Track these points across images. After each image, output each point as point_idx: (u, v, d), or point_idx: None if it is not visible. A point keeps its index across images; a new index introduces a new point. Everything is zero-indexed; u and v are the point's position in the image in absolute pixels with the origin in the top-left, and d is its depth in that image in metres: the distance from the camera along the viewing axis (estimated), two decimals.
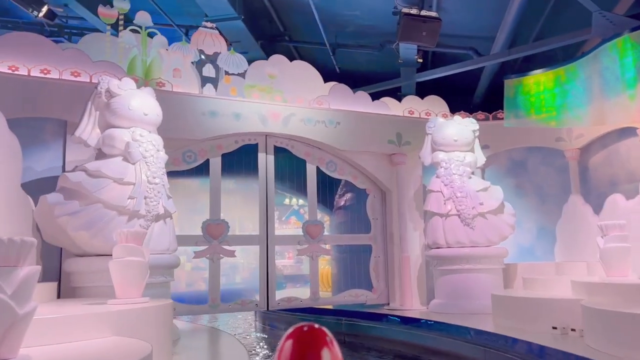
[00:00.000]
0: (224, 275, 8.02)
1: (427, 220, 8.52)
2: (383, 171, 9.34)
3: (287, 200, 14.96)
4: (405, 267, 9.00)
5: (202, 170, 8.15)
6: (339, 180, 9.86)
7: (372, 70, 11.73)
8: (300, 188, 8.99)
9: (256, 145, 8.59)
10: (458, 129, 8.51)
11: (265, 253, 8.35)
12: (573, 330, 5.48)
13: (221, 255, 8.00)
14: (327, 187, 9.50)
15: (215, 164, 8.21)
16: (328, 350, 1.30)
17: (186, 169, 8.02)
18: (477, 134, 8.66)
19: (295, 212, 15.63)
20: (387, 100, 9.68)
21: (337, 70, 11.54)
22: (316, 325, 1.33)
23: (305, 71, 9.10)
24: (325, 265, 11.34)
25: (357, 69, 11.83)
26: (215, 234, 8.00)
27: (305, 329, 1.33)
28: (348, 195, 10.37)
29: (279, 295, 8.49)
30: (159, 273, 5.99)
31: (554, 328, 5.63)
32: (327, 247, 8.96)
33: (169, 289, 6.30)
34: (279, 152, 8.76)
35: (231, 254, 8.09)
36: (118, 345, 3.31)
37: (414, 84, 11.31)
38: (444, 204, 8.21)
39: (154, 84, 7.62)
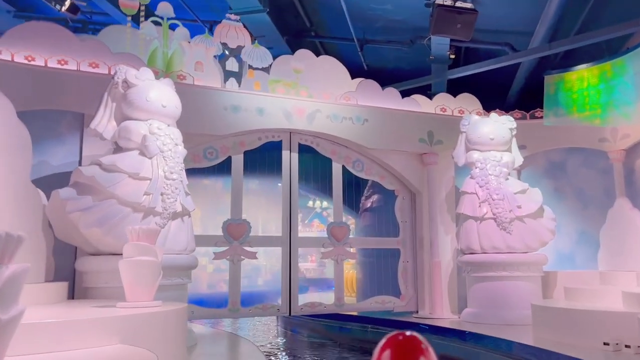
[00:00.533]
0: (245, 277, 7.66)
1: (460, 224, 8.01)
2: (413, 171, 8.87)
3: (310, 203, 14.59)
4: (436, 273, 8.50)
5: (224, 167, 7.81)
6: (366, 181, 9.42)
7: (401, 67, 11.29)
8: (325, 189, 8.58)
9: (280, 142, 8.21)
10: (494, 127, 7.99)
11: (288, 255, 7.96)
12: (627, 346, 4.94)
13: (242, 257, 7.63)
14: (353, 188, 9.07)
15: (238, 161, 7.86)
16: (424, 358, 1.33)
17: (207, 166, 7.69)
18: (514, 132, 8.12)
19: (318, 215, 15.22)
20: (418, 97, 9.21)
21: (365, 67, 11.13)
22: (410, 333, 1.35)
23: (332, 66, 8.70)
24: (350, 270, 10.91)
25: (386, 66, 11.40)
26: (236, 235, 7.65)
27: (401, 337, 1.35)
28: (375, 197, 9.91)
29: (302, 300, 8.08)
30: (175, 274, 5.64)
31: (606, 344, 5.09)
32: (353, 250, 8.51)
33: (185, 291, 5.94)
34: (304, 150, 8.37)
35: (252, 255, 7.72)
36: (120, 355, 2.95)
37: (445, 82, 10.82)
38: (479, 206, 7.70)
39: (175, 77, 7.30)
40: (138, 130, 5.73)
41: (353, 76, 8.71)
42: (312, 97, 8.20)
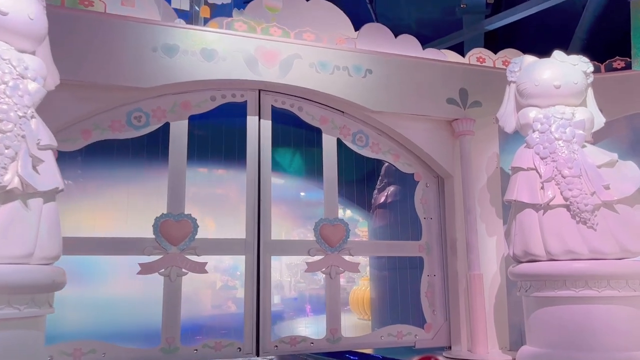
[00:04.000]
0: (188, 301, 5.14)
1: (512, 219, 5.29)
2: (440, 146, 6.23)
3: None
4: (476, 291, 5.80)
5: (158, 139, 5.35)
6: (377, 164, 6.81)
7: (423, 20, 8.64)
8: (312, 173, 6.01)
9: (244, 104, 5.71)
10: (560, 70, 5.28)
11: (256, 267, 5.40)
12: None
13: (183, 270, 5.12)
14: (362, 174, 6.47)
15: (179, 130, 5.39)
16: None
17: (132, 136, 5.24)
18: (590, 78, 5.40)
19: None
20: (446, 52, 6.60)
21: (375, 21, 8.55)
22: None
23: (327, 12, 6.18)
24: (366, 287, 8.25)
25: (403, 20, 8.78)
26: (174, 237, 5.14)
27: None
28: (391, 189, 7.21)
29: (278, 332, 5.49)
30: (11, 300, 3.17)
31: None
32: (354, 259, 5.86)
33: (38, 329, 3.44)
34: (280, 117, 5.84)
35: (200, 268, 5.19)
36: None
37: (481, 36, 8.17)
38: (542, 188, 4.98)
39: (76, 1, 4.92)
40: None
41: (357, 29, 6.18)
42: (289, 37, 5.69)
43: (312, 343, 5.54)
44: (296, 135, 5.99)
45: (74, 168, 5.04)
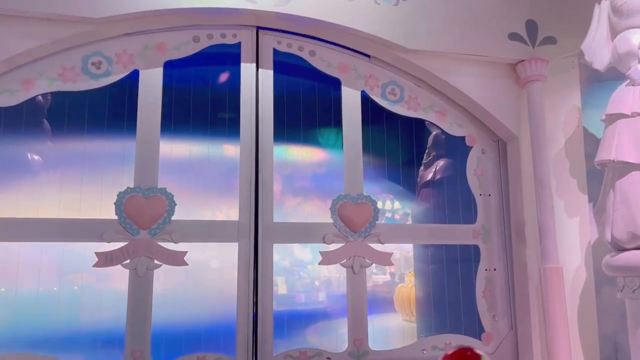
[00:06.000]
0: (162, 303, 3.85)
1: (609, 187, 3.69)
2: (500, 98, 4.71)
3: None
4: (554, 290, 4.25)
5: (123, 92, 4.10)
6: (422, 130, 5.30)
7: None
8: (327, 133, 4.62)
9: (237, 46, 4.37)
10: None
11: (253, 257, 4.07)
12: None
13: (156, 262, 3.86)
14: (412, 142, 5.01)
15: (151, 81, 4.11)
16: None
17: (90, 88, 4.00)
18: None
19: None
20: None
21: None
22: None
23: None
24: (412, 285, 6.72)
25: None
26: (143, 218, 3.89)
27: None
28: (441, 164, 5.64)
29: (282, 343, 4.14)
30: None
31: None
32: (384, 247, 4.41)
33: None
34: (283, 65, 4.48)
35: (177, 259, 3.92)
36: None
37: None
38: None
39: None
40: None
41: None
42: None
43: (329, 358, 4.17)
44: (307, 89, 4.61)
45: (12, 128, 3.87)
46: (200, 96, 4.31)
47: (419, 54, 4.46)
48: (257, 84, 4.32)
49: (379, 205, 4.44)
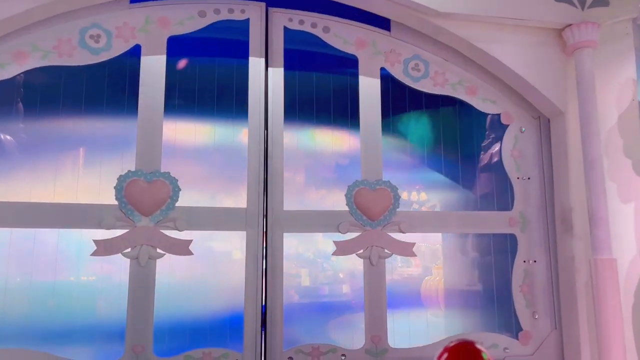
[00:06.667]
0: (165, 294, 3.62)
1: None
2: (544, 68, 4.16)
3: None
4: (607, 284, 3.73)
5: (124, 68, 3.85)
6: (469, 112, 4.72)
7: None
8: (344, 118, 4.19)
9: (245, 23, 4.03)
10: None
11: (262, 247, 3.78)
12: None
13: (159, 251, 3.63)
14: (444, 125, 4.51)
15: (154, 57, 3.83)
16: None
17: (87, 64, 3.76)
18: None
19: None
20: None
21: None
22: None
23: None
24: (440, 277, 6.19)
25: None
26: (146, 204, 3.65)
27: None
28: (497, 147, 4.98)
29: (293, 337, 3.84)
30: None
31: None
32: (405, 238, 4.00)
33: None
34: (293, 51, 4.11)
35: (182, 248, 3.67)
36: None
37: None
38: None
39: None
40: None
41: None
42: None
43: (344, 356, 3.84)
44: (321, 67, 4.22)
45: (2, 104, 3.69)
46: (206, 73, 4.00)
47: (452, 18, 3.97)
48: (266, 64, 3.98)
49: (404, 196, 4.04)
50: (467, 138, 4.44)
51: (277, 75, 3.97)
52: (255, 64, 3.95)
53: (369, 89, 4.10)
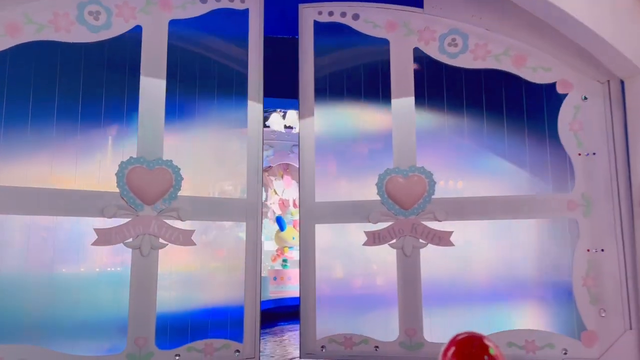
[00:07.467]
0: (166, 285, 3.35)
1: None
2: (619, 21, 3.43)
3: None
4: None
5: (124, 49, 3.57)
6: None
7: None
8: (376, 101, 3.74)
9: (244, 14, 3.72)
10: None
11: (260, 237, 3.51)
12: None
13: (161, 241, 3.39)
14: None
15: (155, 39, 3.56)
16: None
17: (85, 41, 3.48)
18: None
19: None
20: None
21: None
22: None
23: None
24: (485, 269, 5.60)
25: None
26: (148, 193, 3.41)
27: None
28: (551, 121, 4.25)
29: (327, 327, 3.55)
30: None
31: None
32: (440, 226, 3.51)
33: None
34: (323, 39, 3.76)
35: (185, 238, 3.42)
36: None
37: None
38: None
39: None
40: None
41: None
42: None
43: (378, 347, 3.49)
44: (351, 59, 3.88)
45: None
46: (208, 61, 3.72)
47: None
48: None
49: (442, 184, 3.57)
50: (513, 114, 3.83)
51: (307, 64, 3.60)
52: (254, 49, 3.71)
53: (402, 73, 3.71)
